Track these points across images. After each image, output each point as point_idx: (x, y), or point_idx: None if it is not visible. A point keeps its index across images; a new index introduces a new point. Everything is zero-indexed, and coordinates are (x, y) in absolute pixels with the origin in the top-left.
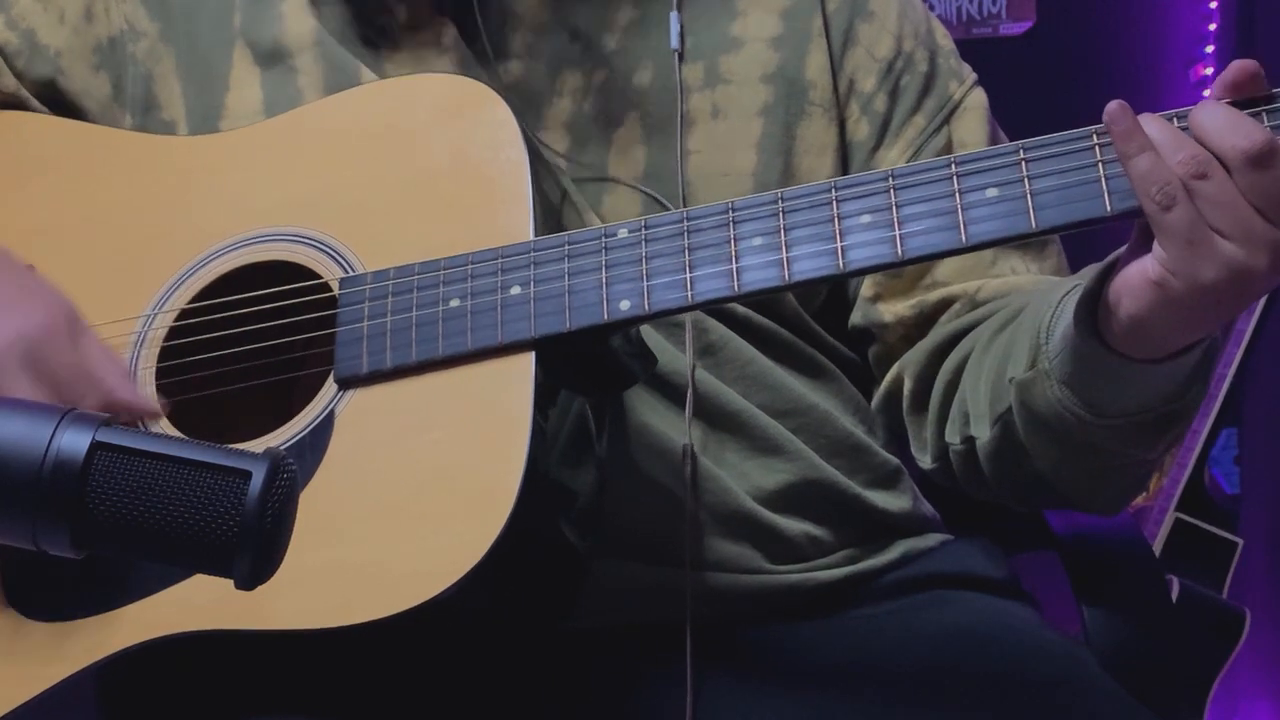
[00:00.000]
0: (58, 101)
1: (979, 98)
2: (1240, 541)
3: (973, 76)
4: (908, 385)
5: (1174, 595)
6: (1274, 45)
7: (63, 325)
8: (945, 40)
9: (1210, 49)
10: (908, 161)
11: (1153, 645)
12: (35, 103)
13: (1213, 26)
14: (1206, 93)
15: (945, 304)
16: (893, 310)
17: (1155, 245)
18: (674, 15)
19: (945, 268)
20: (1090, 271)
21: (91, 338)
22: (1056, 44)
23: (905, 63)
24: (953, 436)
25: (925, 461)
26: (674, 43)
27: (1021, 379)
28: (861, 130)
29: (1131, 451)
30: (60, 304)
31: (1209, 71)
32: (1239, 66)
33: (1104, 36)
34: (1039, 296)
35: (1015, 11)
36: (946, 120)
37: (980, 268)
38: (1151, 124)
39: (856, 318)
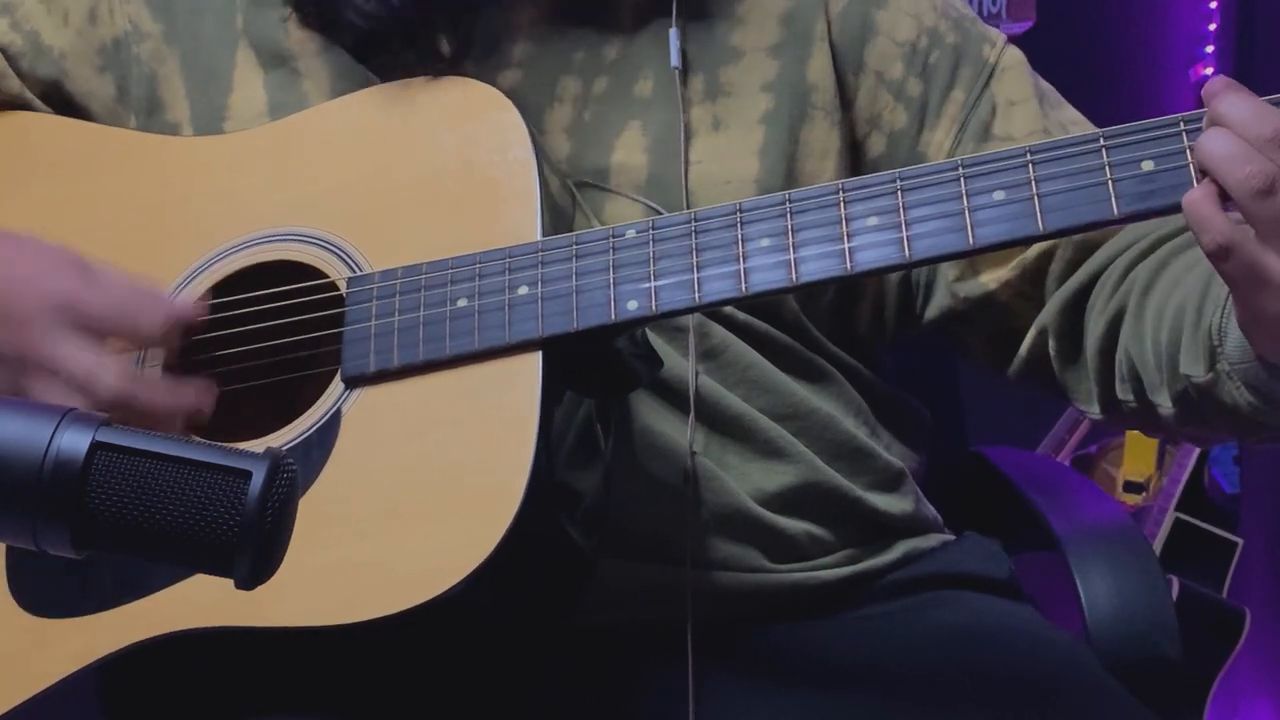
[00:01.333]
0: (63, 103)
1: (1014, 55)
2: (1240, 541)
3: (1002, 37)
4: (1053, 345)
5: (1174, 595)
6: (1274, 45)
7: (79, 275)
8: (965, 8)
9: (1210, 49)
10: (954, 138)
11: (1154, 645)
12: (40, 104)
13: (1213, 26)
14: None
15: (1048, 253)
16: (996, 278)
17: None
18: (673, 33)
19: None
20: None
21: (109, 272)
22: (1056, 44)
23: (931, 39)
24: (1125, 395)
25: (1094, 411)
26: (674, 60)
27: (1201, 382)
28: (900, 119)
29: None
30: (68, 256)
31: (1209, 71)
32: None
33: (1104, 36)
34: (1193, 270)
35: (1015, 11)
36: (986, 85)
37: None
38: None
39: (947, 301)
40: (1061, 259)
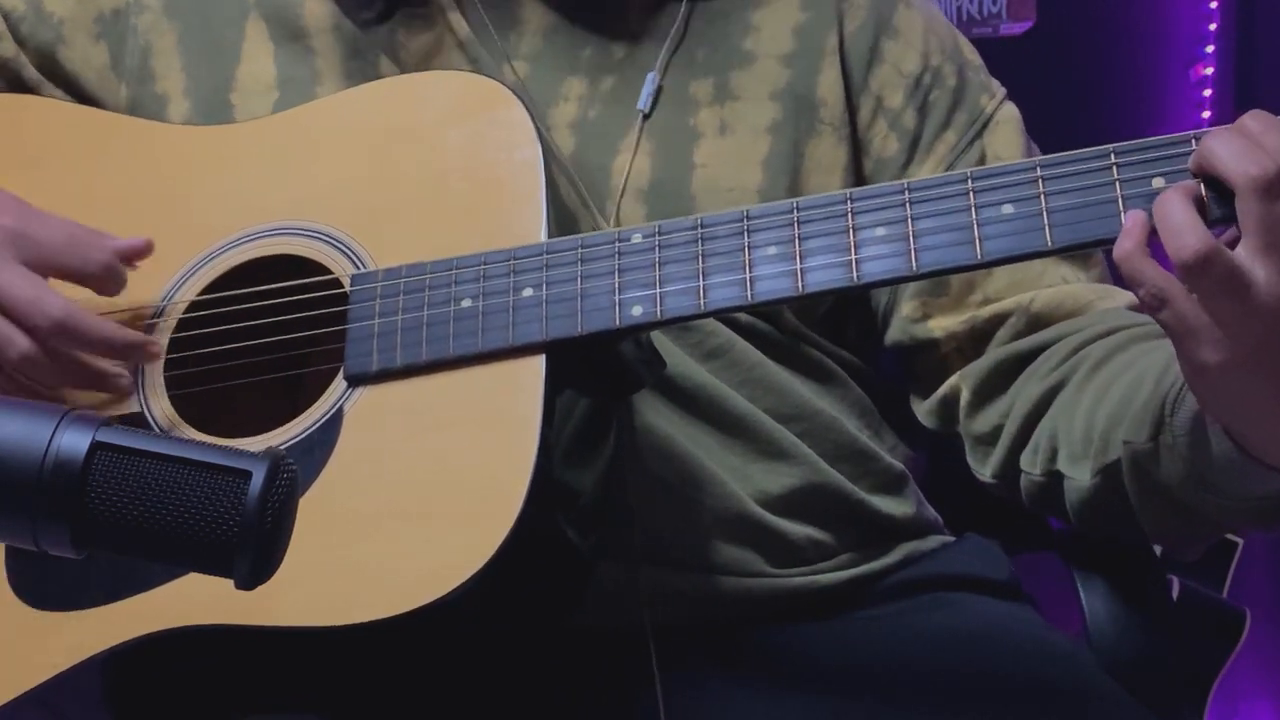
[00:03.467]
0: (56, 73)
1: (1011, 111)
2: (1240, 541)
3: (1003, 91)
4: (965, 395)
5: (1174, 595)
6: (1274, 45)
7: (23, 211)
8: (973, 55)
9: (1210, 49)
10: None
11: (1153, 645)
12: (32, 70)
13: (1213, 26)
14: (1207, 93)
15: (1000, 318)
16: (943, 326)
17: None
18: (650, 76)
19: (994, 284)
20: None
21: (51, 214)
22: (1056, 44)
23: (933, 78)
24: (1031, 465)
25: (984, 474)
26: (641, 103)
27: (1141, 449)
28: (891, 147)
29: (1246, 526)
30: (9, 196)
31: (1209, 71)
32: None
33: (1104, 36)
34: (1155, 352)
35: (1015, 11)
36: (979, 134)
37: (1029, 280)
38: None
39: (900, 337)
40: (1012, 326)
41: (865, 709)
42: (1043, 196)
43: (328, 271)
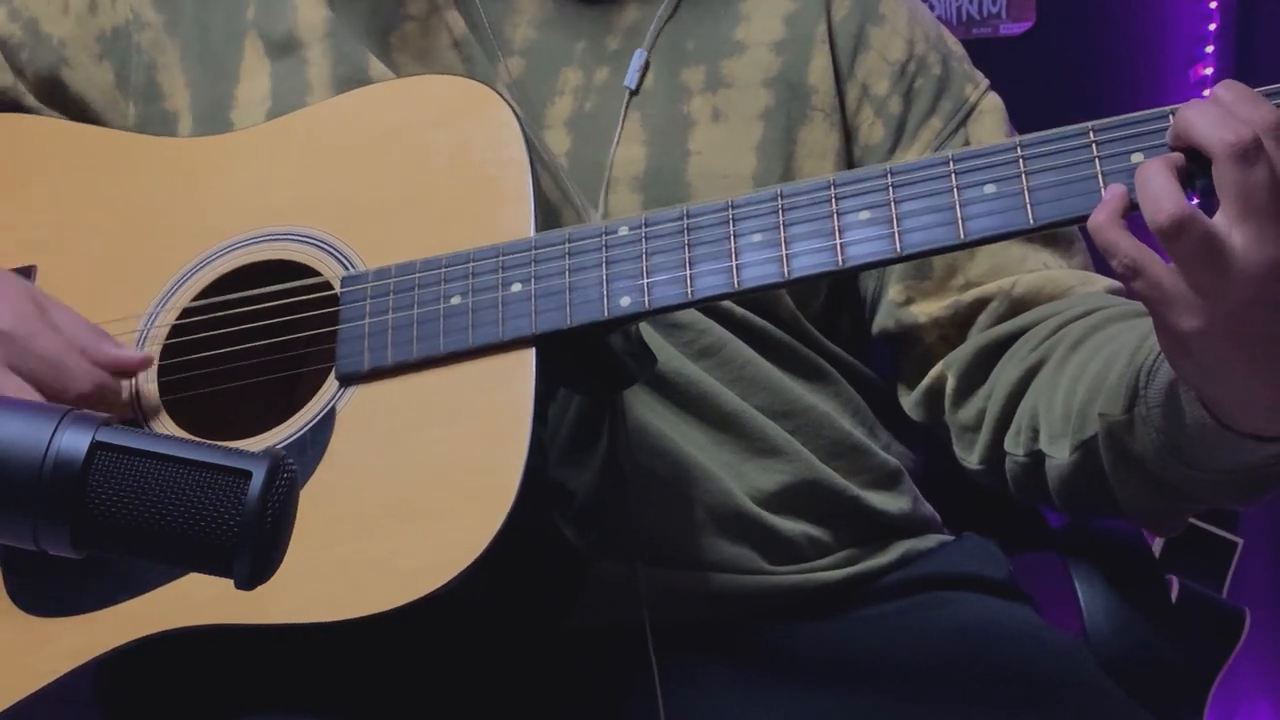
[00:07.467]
0: (61, 95)
1: (995, 101)
2: (1240, 541)
3: (986, 82)
4: (951, 383)
5: (1174, 595)
6: (1274, 45)
7: (33, 311)
8: (956, 46)
9: (1210, 49)
10: None
11: (1152, 645)
12: (31, 99)
13: (1213, 26)
14: (1207, 93)
15: (981, 303)
16: (926, 312)
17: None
18: (639, 53)
19: (976, 268)
20: None
21: (61, 311)
22: (1056, 44)
23: (918, 65)
24: (1014, 447)
25: (970, 461)
26: (628, 80)
27: (1115, 421)
28: (877, 133)
29: (1221, 500)
30: (22, 289)
31: (1209, 71)
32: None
33: (1104, 36)
34: (1131, 329)
35: (1015, 11)
36: (963, 123)
37: (1011, 265)
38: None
39: (887, 322)
40: (994, 311)
41: (864, 707)
42: (1023, 175)
43: (318, 275)
